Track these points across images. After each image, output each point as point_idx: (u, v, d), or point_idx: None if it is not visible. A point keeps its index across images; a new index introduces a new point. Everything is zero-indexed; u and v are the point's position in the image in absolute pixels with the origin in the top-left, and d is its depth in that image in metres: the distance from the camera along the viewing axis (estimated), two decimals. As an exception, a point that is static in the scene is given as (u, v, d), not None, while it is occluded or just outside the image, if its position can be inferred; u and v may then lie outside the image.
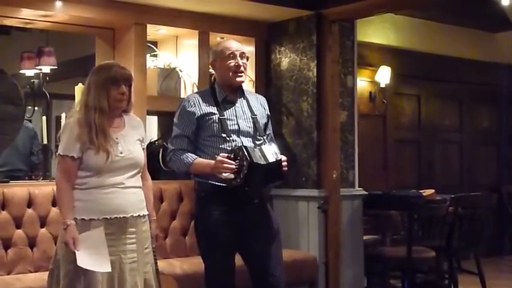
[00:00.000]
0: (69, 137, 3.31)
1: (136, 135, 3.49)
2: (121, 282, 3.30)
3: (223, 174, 3.47)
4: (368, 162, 6.59)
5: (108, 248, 3.27)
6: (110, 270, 3.22)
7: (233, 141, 3.60)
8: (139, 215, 3.40)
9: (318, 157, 5.36)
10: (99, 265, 3.21)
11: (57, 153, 3.37)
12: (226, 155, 3.49)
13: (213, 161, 3.52)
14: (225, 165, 3.45)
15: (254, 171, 3.44)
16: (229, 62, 3.68)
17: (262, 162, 3.46)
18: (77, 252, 3.21)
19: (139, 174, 3.47)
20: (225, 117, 3.65)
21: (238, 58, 3.68)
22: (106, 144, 3.29)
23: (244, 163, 3.42)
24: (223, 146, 3.60)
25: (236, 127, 3.66)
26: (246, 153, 3.44)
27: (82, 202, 3.30)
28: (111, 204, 3.31)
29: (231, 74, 3.68)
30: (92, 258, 3.21)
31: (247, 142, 3.63)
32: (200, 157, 3.63)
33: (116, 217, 3.31)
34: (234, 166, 3.44)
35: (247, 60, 3.78)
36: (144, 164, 3.52)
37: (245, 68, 3.72)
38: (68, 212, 3.27)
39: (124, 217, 3.33)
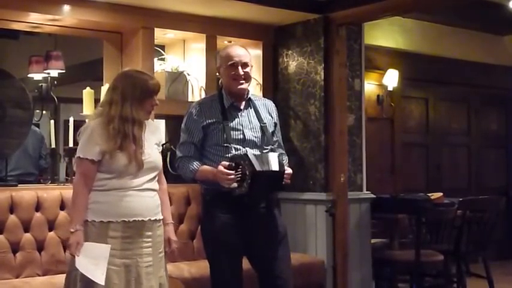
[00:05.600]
0: (89, 140, 3.32)
1: (154, 139, 3.51)
2: (138, 286, 3.32)
3: (226, 185, 3.48)
4: (376, 165, 6.59)
5: (125, 252, 3.31)
6: (103, 284, 3.22)
7: (236, 150, 3.60)
8: (155, 219, 3.43)
9: (325, 160, 5.35)
10: (94, 275, 3.22)
11: (75, 156, 3.37)
12: (227, 163, 3.50)
13: (216, 169, 3.53)
14: (226, 176, 3.47)
15: (257, 179, 3.45)
16: (230, 71, 3.70)
17: (265, 169, 3.47)
18: (76, 257, 3.23)
19: (156, 178, 3.49)
20: (230, 125, 3.66)
21: (239, 68, 3.68)
22: (139, 157, 3.32)
23: (247, 172, 3.43)
24: (228, 155, 3.60)
25: (241, 136, 3.66)
26: (247, 161, 3.45)
27: (100, 204, 3.31)
28: (130, 207, 3.33)
29: (231, 81, 3.70)
30: (90, 267, 3.23)
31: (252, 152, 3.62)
32: (206, 165, 3.64)
33: (135, 220, 3.33)
34: (234, 176, 3.46)
35: (252, 67, 3.78)
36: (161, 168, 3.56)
37: (247, 77, 3.71)
38: (80, 217, 3.28)
39: (142, 220, 3.36)
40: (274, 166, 3.51)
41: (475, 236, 5.61)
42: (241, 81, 3.69)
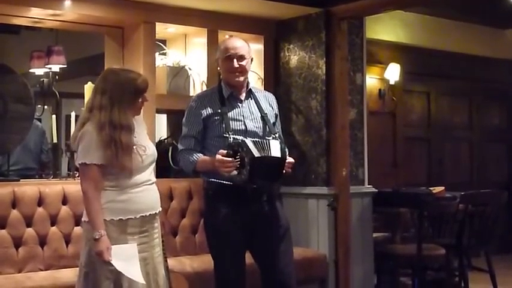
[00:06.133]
0: (91, 145, 3.29)
1: (143, 129, 3.53)
2: (155, 276, 3.39)
3: (225, 173, 3.48)
4: (377, 159, 6.58)
5: (143, 245, 3.35)
6: (143, 282, 3.26)
7: (236, 140, 3.59)
8: (160, 210, 3.49)
9: (327, 155, 5.35)
10: (134, 275, 3.25)
11: (79, 162, 3.33)
12: (224, 151, 3.49)
13: (214, 158, 3.54)
14: (225, 164, 3.47)
15: (257, 165, 3.45)
16: (227, 63, 3.71)
17: (263, 154, 3.47)
18: (113, 261, 3.23)
19: None
20: (230, 116, 3.66)
21: (235, 60, 3.68)
22: (129, 164, 3.30)
23: (246, 158, 3.43)
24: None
25: (243, 127, 3.66)
26: (245, 148, 3.45)
27: (117, 203, 3.32)
28: (146, 202, 3.38)
29: (228, 74, 3.72)
30: (127, 268, 3.25)
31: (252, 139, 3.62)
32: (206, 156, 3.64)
33: (150, 214, 3.39)
34: (233, 164, 3.45)
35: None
36: None
37: (243, 70, 3.70)
38: (100, 222, 3.26)
39: (155, 213, 3.42)
40: (275, 152, 3.51)
41: (477, 229, 5.61)
42: (236, 74, 3.70)
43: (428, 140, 8.14)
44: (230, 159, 3.47)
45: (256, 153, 3.45)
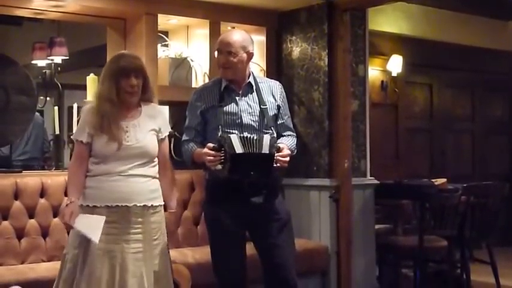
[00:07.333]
0: (81, 123, 3.42)
1: (151, 124, 3.48)
2: (123, 272, 3.29)
3: (211, 167, 3.47)
4: (380, 151, 6.59)
5: (110, 236, 3.30)
6: (97, 242, 3.24)
7: (229, 134, 3.58)
8: (145, 205, 3.38)
9: (329, 146, 5.35)
10: (90, 235, 3.25)
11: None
12: (211, 145, 3.49)
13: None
14: (209, 157, 3.46)
15: (237, 162, 3.42)
16: (217, 57, 3.72)
17: (250, 151, 3.43)
18: (76, 219, 3.28)
19: (152, 164, 3.47)
20: (225, 110, 3.64)
21: (222, 55, 3.66)
22: (116, 133, 3.33)
23: (227, 154, 3.42)
24: None
25: (239, 121, 3.64)
26: (227, 143, 3.43)
27: (89, 189, 3.37)
28: (115, 192, 3.33)
29: (218, 67, 3.72)
30: (86, 229, 3.28)
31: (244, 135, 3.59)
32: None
33: (117, 205, 3.33)
34: (214, 158, 3.44)
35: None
36: (163, 155, 3.56)
37: (230, 65, 3.64)
38: (75, 191, 3.35)
39: (126, 206, 3.33)
40: (264, 149, 3.48)
41: (478, 221, 5.62)
42: (222, 69, 3.69)
43: (431, 131, 8.14)
44: (212, 152, 3.46)
45: (238, 149, 3.42)
